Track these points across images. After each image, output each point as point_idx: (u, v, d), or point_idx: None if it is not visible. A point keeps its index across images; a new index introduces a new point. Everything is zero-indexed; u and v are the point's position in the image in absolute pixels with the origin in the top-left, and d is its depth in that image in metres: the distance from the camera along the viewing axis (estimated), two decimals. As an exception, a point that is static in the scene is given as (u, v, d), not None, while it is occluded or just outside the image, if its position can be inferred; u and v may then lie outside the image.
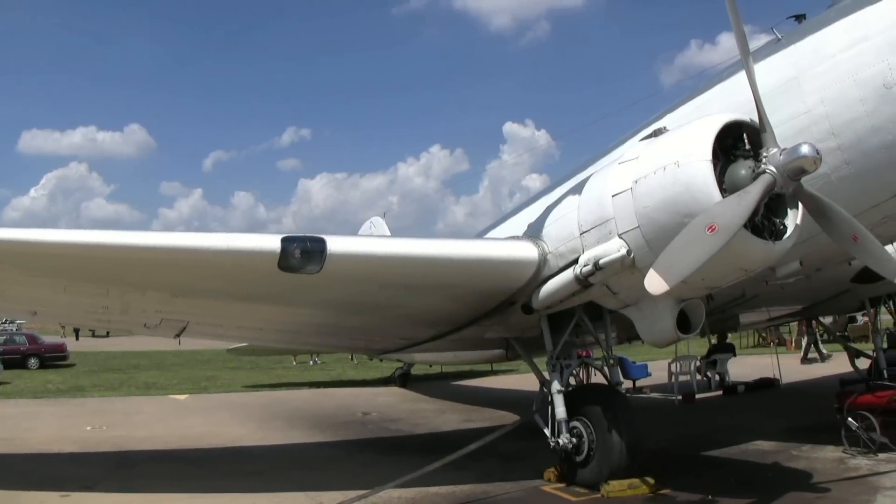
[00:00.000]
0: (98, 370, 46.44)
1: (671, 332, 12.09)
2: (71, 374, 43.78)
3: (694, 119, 11.79)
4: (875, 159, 12.53)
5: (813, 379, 30.86)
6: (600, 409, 13.22)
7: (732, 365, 31.48)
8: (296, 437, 21.68)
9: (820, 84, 12.92)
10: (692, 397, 27.15)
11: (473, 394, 32.70)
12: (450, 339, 16.23)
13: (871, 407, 16.00)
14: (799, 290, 18.23)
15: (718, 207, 10.12)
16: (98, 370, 46.44)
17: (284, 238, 11.83)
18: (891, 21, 12.54)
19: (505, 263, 13.06)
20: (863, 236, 11.39)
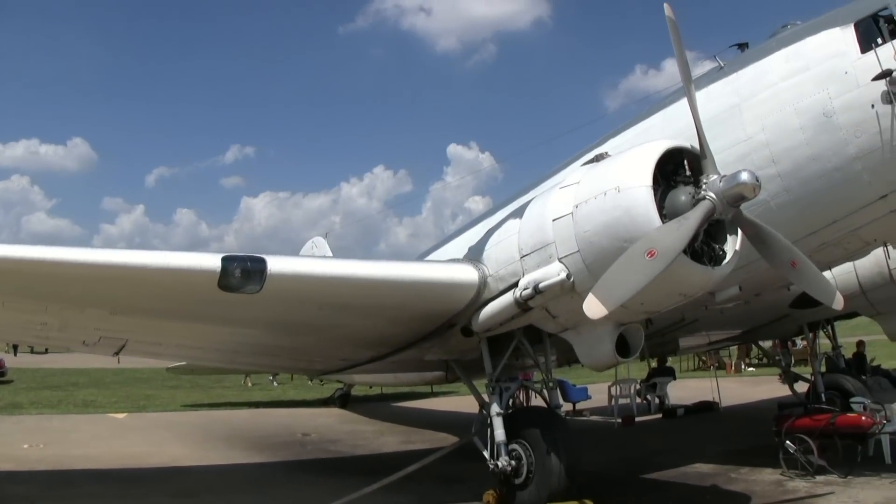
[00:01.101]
0: (36, 387, 45.79)
1: (610, 356, 12.09)
2: (8, 391, 43.17)
3: (636, 144, 11.86)
4: (814, 187, 12.78)
5: (752, 402, 31.15)
6: (539, 431, 13.15)
7: (672, 388, 31.83)
8: (234, 457, 21.53)
9: (761, 112, 13.18)
10: (632, 420, 27.36)
11: (413, 415, 32.73)
12: (390, 360, 16.16)
13: (809, 430, 16.28)
14: (738, 315, 18.43)
15: (658, 233, 10.18)
16: (36, 387, 45.79)
17: (225, 257, 11.70)
18: (831, 51, 12.81)
19: (445, 286, 13.04)
20: (801, 262, 11.50)
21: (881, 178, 12.54)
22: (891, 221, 13.31)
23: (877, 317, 21.66)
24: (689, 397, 31.03)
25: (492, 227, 13.40)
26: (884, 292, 20.23)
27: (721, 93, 13.95)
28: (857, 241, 13.96)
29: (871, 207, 12.91)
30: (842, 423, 16.52)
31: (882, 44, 12.47)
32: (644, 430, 26.15)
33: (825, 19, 13.49)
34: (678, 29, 11.27)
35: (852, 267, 19.53)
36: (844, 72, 12.57)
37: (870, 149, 12.36)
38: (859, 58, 12.54)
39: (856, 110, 12.40)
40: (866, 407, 17.45)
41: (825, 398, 20.51)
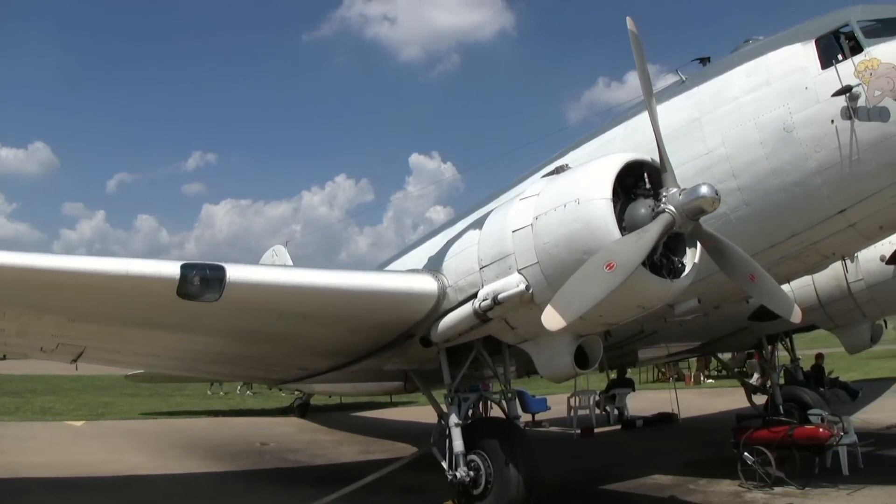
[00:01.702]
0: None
1: (569, 368, 12.10)
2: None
3: (596, 157, 11.90)
4: (773, 201, 12.87)
5: (710, 414, 31.23)
6: (498, 442, 13.14)
7: (631, 399, 31.86)
8: (192, 466, 21.38)
9: (722, 126, 13.29)
10: (591, 431, 27.35)
11: (372, 425, 32.71)
12: (349, 370, 16.12)
13: (767, 442, 16.36)
14: (697, 327, 18.53)
15: (617, 245, 10.21)
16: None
17: (184, 265, 11.61)
18: (791, 67, 12.94)
19: (404, 296, 13.01)
20: (759, 275, 11.57)
21: (840, 193, 12.65)
22: (849, 235, 13.42)
23: (835, 330, 21.81)
24: (649, 409, 31.10)
25: (452, 238, 13.42)
26: (842, 305, 20.38)
27: (682, 106, 14.03)
28: (816, 254, 14.04)
29: (830, 221, 13.00)
30: (800, 435, 16.60)
31: (842, 60, 12.60)
32: (603, 442, 26.16)
33: (787, 35, 13.62)
34: (640, 43, 11.35)
35: (811, 280, 19.66)
36: (805, 87, 12.70)
37: (829, 164, 12.48)
38: (820, 74, 12.67)
39: (816, 125, 12.52)
40: (824, 419, 17.51)
41: (783, 410, 20.61)
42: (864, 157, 12.28)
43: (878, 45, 12.45)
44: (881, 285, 19.64)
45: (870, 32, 12.75)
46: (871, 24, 12.92)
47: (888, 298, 20.01)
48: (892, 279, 19.35)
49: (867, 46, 12.51)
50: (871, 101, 12.16)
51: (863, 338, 21.79)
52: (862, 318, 20.96)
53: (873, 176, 12.37)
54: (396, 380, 18.01)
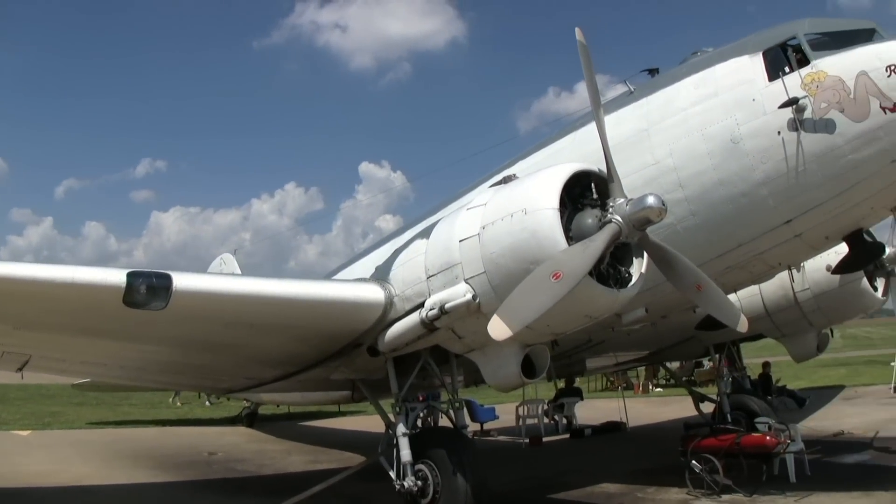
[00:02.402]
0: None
1: (516, 377, 12.11)
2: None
3: (544, 167, 11.90)
4: (720, 211, 13.01)
5: (659, 422, 31.39)
6: (445, 452, 13.14)
7: (580, 408, 32.00)
8: (140, 476, 21.15)
9: (669, 137, 13.42)
10: (539, 440, 27.38)
11: (320, 435, 32.55)
12: (296, 379, 16.04)
13: (715, 450, 16.43)
14: (645, 336, 18.61)
15: (564, 255, 10.22)
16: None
17: (130, 273, 11.48)
18: (739, 78, 13.11)
19: (351, 305, 12.97)
20: (706, 285, 11.67)
21: (786, 204, 12.82)
22: (795, 246, 13.60)
23: (782, 339, 22.01)
24: (597, 417, 31.14)
25: (399, 247, 13.39)
26: (788, 315, 20.58)
27: (630, 117, 14.14)
28: (763, 264, 14.19)
29: (776, 232, 13.17)
30: (747, 443, 16.69)
31: (789, 72, 12.82)
32: (551, 450, 26.18)
33: (734, 47, 13.77)
34: (589, 53, 11.37)
35: (758, 290, 19.85)
36: (752, 99, 12.87)
37: (776, 175, 12.64)
38: (767, 86, 12.87)
39: (762, 137, 12.71)
40: (771, 427, 17.70)
41: (731, 418, 20.78)
42: (810, 169, 12.45)
43: (824, 58, 12.63)
44: (827, 294, 19.84)
45: (817, 45, 12.94)
46: (819, 37, 13.12)
47: (834, 307, 20.23)
48: (837, 289, 19.56)
49: (814, 59, 12.70)
50: (818, 113, 12.35)
51: (809, 346, 22.02)
52: (808, 327, 21.18)
53: (819, 187, 12.55)
54: (344, 389, 17.91)
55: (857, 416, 27.69)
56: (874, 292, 19.78)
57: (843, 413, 28.96)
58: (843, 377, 43.88)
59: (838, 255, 15.03)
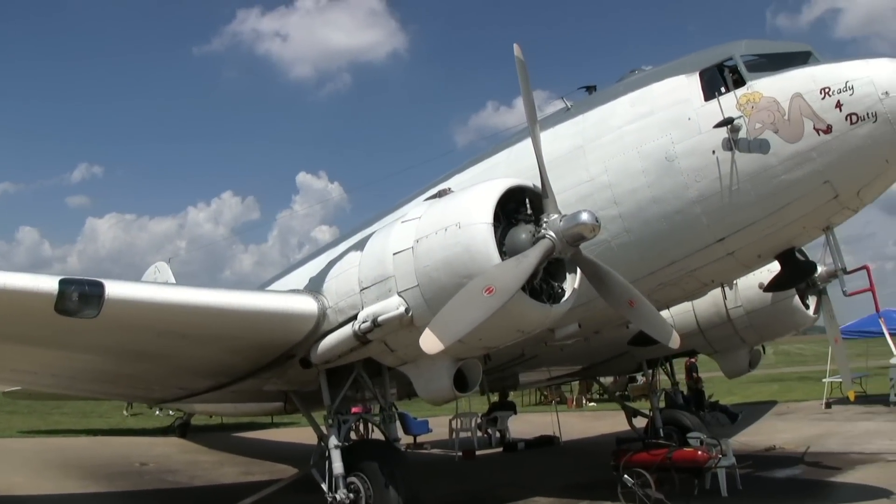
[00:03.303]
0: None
1: (448, 391, 12.10)
2: None
3: (480, 181, 11.93)
4: (654, 229, 13.14)
5: (592, 437, 31.36)
6: (378, 464, 13.06)
7: (513, 422, 31.86)
8: (70, 486, 20.94)
9: (605, 154, 13.56)
10: (472, 454, 27.34)
11: (253, 446, 32.33)
12: (229, 390, 15.90)
13: (647, 464, 16.48)
14: (578, 351, 18.70)
15: (497, 270, 10.25)
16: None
17: (62, 280, 11.29)
18: (675, 98, 13.28)
19: (284, 317, 12.87)
20: (638, 302, 11.77)
21: (720, 222, 12.98)
22: (728, 264, 13.77)
23: (714, 355, 22.18)
24: (530, 431, 31.07)
25: (333, 259, 13.32)
26: (721, 331, 20.75)
27: (567, 133, 14.24)
28: (696, 281, 14.33)
29: (710, 250, 13.32)
30: (679, 458, 16.75)
31: (725, 93, 13.02)
32: (485, 464, 26.09)
33: (672, 66, 13.93)
34: (526, 69, 11.45)
35: (691, 306, 20.01)
36: (688, 118, 13.03)
37: (709, 193, 12.79)
38: (703, 105, 13.05)
39: (697, 156, 12.87)
40: (703, 442, 17.71)
41: (663, 433, 20.89)
42: (743, 188, 12.61)
43: (760, 80, 12.83)
44: (759, 312, 20.01)
45: (753, 67, 13.14)
46: (755, 58, 13.33)
47: (766, 325, 20.40)
48: (770, 306, 19.74)
49: (750, 80, 12.89)
50: (752, 134, 12.53)
51: (741, 363, 22.17)
52: (741, 344, 21.31)
53: (752, 206, 12.72)
54: (277, 400, 17.85)
55: (788, 431, 27.92)
56: (806, 310, 19.96)
57: (775, 428, 29.20)
58: (775, 393, 44.27)
59: (771, 273, 15.15)
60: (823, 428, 28.40)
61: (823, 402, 35.86)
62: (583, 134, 14.03)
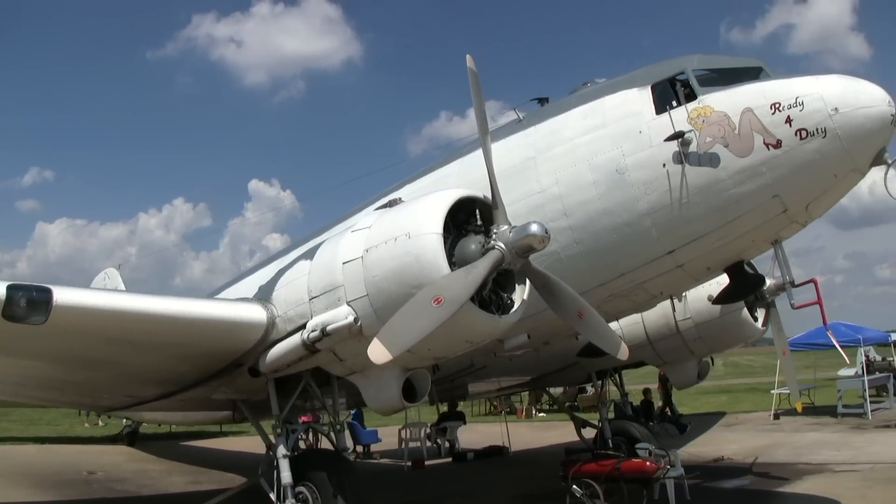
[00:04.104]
0: None
1: (397, 401, 12.06)
2: None
3: (431, 191, 11.93)
4: (604, 240, 13.22)
5: (541, 447, 31.39)
6: (326, 474, 13.02)
7: (462, 432, 32.02)
8: (17, 495, 20.71)
9: (556, 165, 13.61)
10: (422, 463, 27.48)
11: (202, 455, 32.10)
12: (177, 398, 15.75)
13: (595, 475, 16.61)
14: (528, 362, 18.70)
15: (446, 280, 10.23)
16: None
17: (10, 286, 11.13)
18: (627, 111, 13.38)
19: (232, 325, 12.78)
20: (587, 313, 11.79)
21: (669, 234, 13.07)
22: (677, 276, 13.86)
23: (663, 366, 22.30)
24: (480, 441, 31.19)
25: (283, 268, 13.24)
26: (670, 343, 20.83)
27: (518, 145, 14.29)
28: (645, 293, 14.39)
29: (659, 262, 13.40)
30: (627, 469, 16.86)
31: (677, 106, 13.12)
32: (434, 474, 26.23)
33: (624, 80, 14.03)
34: (478, 80, 11.44)
35: (640, 318, 20.11)
36: (639, 131, 13.11)
37: (659, 206, 12.88)
38: (654, 118, 13.15)
39: (647, 168, 12.95)
40: (651, 452, 17.84)
41: (612, 444, 20.97)
42: (693, 201, 12.69)
43: (711, 94, 12.92)
44: (708, 324, 20.14)
45: (704, 81, 13.23)
46: (706, 73, 13.43)
47: (715, 337, 20.52)
48: (718, 318, 19.87)
49: (701, 94, 12.98)
50: (703, 148, 12.62)
51: (690, 374, 22.28)
52: (690, 356, 21.40)
53: (701, 219, 12.81)
54: (225, 409, 17.70)
55: (737, 442, 28.16)
56: (754, 322, 20.09)
57: (724, 439, 29.40)
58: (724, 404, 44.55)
59: (720, 286, 15.25)
60: (771, 439, 28.64)
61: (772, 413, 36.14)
62: (534, 145, 14.09)
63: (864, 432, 28.49)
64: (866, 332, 37.82)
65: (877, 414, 33.29)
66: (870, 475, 19.36)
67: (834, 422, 32.58)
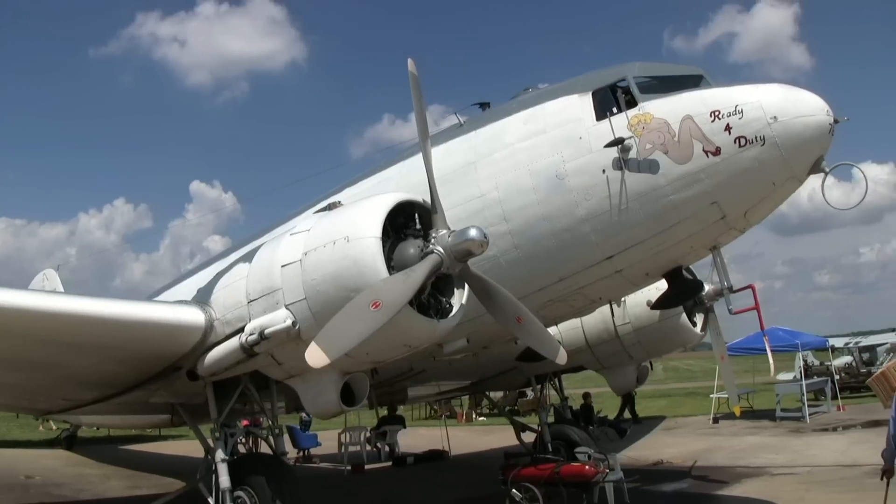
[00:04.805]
0: None
1: (335, 405, 11.99)
2: None
3: (372, 195, 11.91)
4: (543, 245, 13.26)
5: (481, 451, 31.46)
6: (265, 479, 13.01)
7: (403, 436, 31.96)
8: (-50, 500, 20.32)
9: (496, 170, 13.64)
10: (362, 468, 27.50)
11: (141, 459, 31.88)
12: (115, 402, 15.55)
13: (535, 479, 16.70)
14: (467, 366, 18.68)
15: (384, 284, 10.24)
16: None
17: None
18: (567, 117, 13.44)
19: (170, 328, 12.64)
20: (526, 318, 11.84)
21: (608, 240, 13.16)
22: (616, 281, 13.95)
23: (602, 371, 22.38)
24: (420, 445, 31.26)
25: (221, 270, 13.13)
26: (609, 348, 20.93)
27: (459, 149, 14.30)
28: (584, 298, 14.48)
29: (598, 267, 13.49)
30: (566, 472, 16.87)
31: (617, 113, 13.20)
32: (374, 478, 26.23)
33: (565, 86, 14.09)
34: (419, 84, 11.46)
35: (580, 323, 20.12)
36: (579, 137, 13.18)
37: (598, 211, 12.96)
38: (594, 125, 13.22)
39: (587, 174, 13.02)
40: (591, 457, 17.91)
41: (551, 448, 21.01)
42: (632, 207, 12.79)
43: (651, 101, 13.03)
44: (647, 329, 20.25)
45: (645, 88, 13.34)
46: (647, 80, 13.53)
47: (653, 341, 20.64)
48: (657, 323, 19.98)
49: (641, 101, 13.09)
50: (642, 154, 12.72)
51: (629, 379, 22.42)
52: (629, 360, 21.52)
53: (640, 225, 12.91)
54: (164, 413, 17.48)
55: (676, 445, 28.37)
56: (693, 327, 20.21)
57: (663, 443, 29.62)
58: (663, 408, 44.88)
59: (659, 291, 15.36)
60: (710, 442, 28.87)
61: (711, 417, 36.43)
62: (475, 150, 14.13)
63: (802, 436, 28.76)
64: (804, 338, 38.25)
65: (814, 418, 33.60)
66: (807, 478, 19.58)
67: (772, 425, 32.88)
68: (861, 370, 45.09)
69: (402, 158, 15.52)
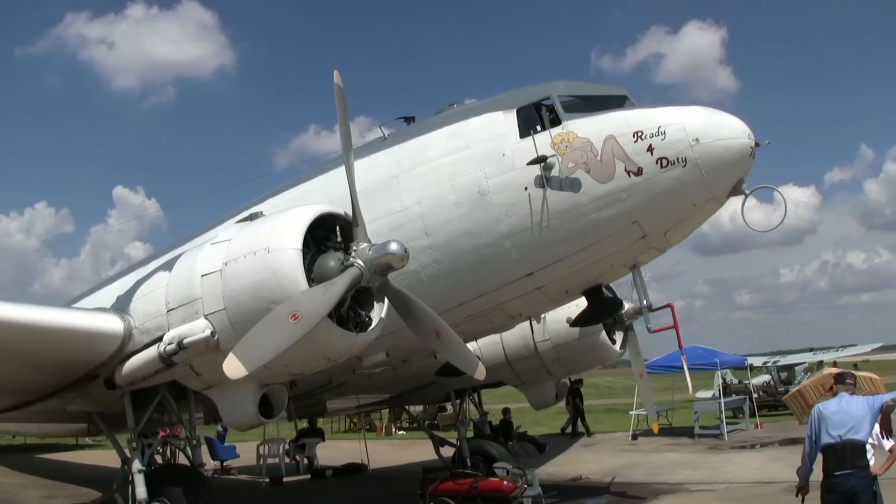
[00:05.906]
0: None
1: (253, 416, 11.94)
2: None
3: (294, 206, 11.92)
4: (464, 261, 13.36)
5: (400, 465, 31.34)
6: (181, 490, 12.91)
7: (322, 449, 31.73)
8: None
9: (419, 185, 13.72)
10: (280, 480, 27.31)
11: (57, 468, 31.36)
12: (30, 409, 15.29)
13: (453, 493, 16.74)
14: (387, 380, 18.71)
15: (303, 296, 10.24)
16: None
17: None
18: (491, 133, 13.56)
19: (87, 335, 12.45)
20: (445, 332, 11.89)
21: (529, 257, 13.32)
22: (536, 298, 14.09)
23: (521, 386, 22.44)
24: (339, 458, 30.94)
25: (142, 278, 12.98)
26: (529, 364, 20.99)
27: (382, 163, 14.36)
28: (504, 314, 14.59)
29: (518, 284, 13.60)
30: (484, 487, 16.94)
31: (541, 131, 13.39)
32: (292, 491, 26.09)
33: (490, 102, 14.23)
34: (344, 96, 11.51)
35: (500, 338, 20.21)
36: (502, 154, 13.32)
37: (520, 228, 13.10)
38: (518, 142, 13.40)
39: (509, 191, 13.17)
40: (509, 472, 17.96)
41: (470, 463, 21.04)
42: (553, 225, 12.95)
43: (575, 120, 13.22)
44: (566, 346, 20.33)
45: (570, 107, 13.52)
46: (572, 99, 13.72)
47: (573, 358, 20.75)
48: (577, 340, 20.09)
49: (566, 120, 13.29)
50: (565, 172, 12.89)
51: (548, 395, 22.48)
52: (548, 376, 21.59)
53: (561, 243, 13.08)
54: (81, 421, 17.25)
55: (595, 461, 28.34)
56: (612, 345, 20.37)
57: (582, 459, 29.59)
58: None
59: (579, 308, 15.49)
60: (629, 459, 28.97)
61: (630, 433, 36.64)
62: (398, 164, 14.19)
63: (720, 453, 29.00)
64: (723, 356, 38.62)
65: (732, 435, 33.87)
66: (725, 494, 19.77)
67: (691, 443, 33.09)
68: (779, 389, 45.44)
69: (326, 170, 15.50)
